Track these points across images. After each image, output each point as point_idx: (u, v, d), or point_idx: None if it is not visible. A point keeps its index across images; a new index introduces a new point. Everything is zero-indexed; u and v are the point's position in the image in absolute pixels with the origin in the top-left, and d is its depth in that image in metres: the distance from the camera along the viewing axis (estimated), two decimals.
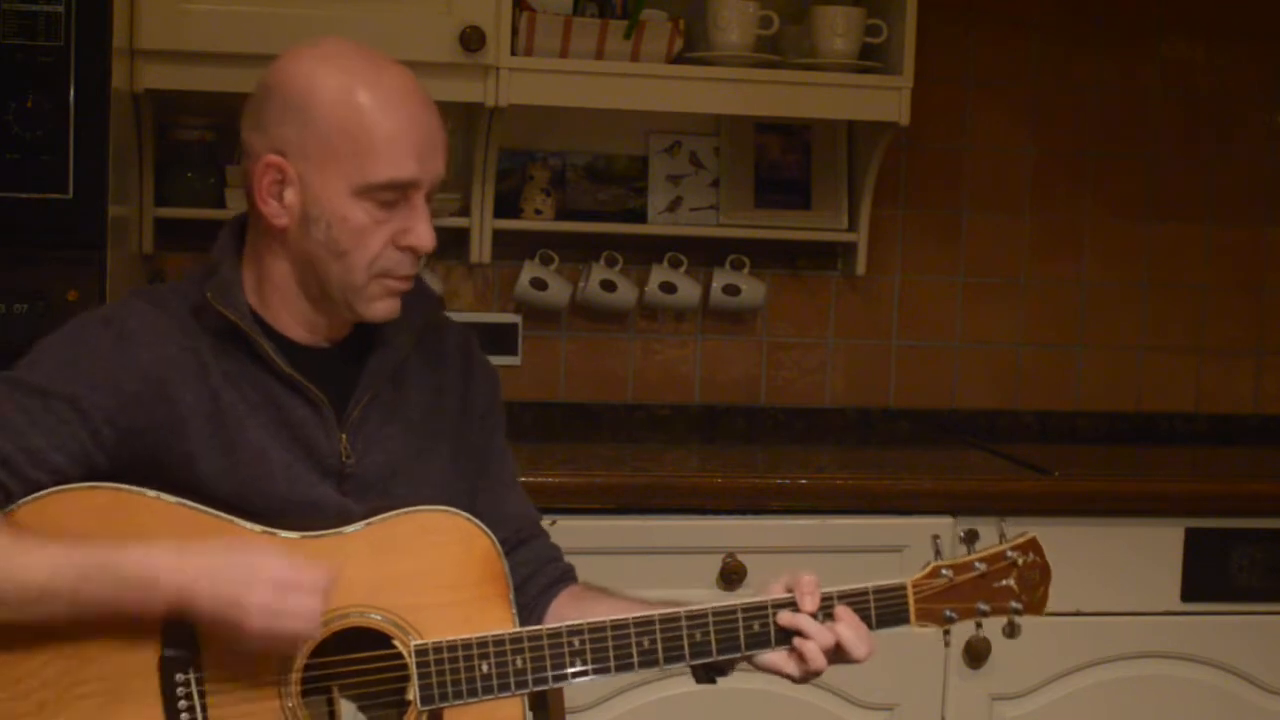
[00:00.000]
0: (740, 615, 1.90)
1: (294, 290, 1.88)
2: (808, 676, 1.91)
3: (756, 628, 1.90)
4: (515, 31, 3.03)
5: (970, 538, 1.98)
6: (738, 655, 1.90)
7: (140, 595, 1.71)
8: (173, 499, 1.79)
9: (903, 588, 1.94)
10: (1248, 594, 2.96)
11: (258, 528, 1.80)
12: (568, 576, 2.06)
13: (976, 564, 1.96)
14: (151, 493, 1.78)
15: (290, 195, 1.82)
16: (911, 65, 3.15)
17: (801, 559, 2.79)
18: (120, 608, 1.72)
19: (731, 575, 2.78)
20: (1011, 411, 3.57)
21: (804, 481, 2.86)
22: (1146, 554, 2.93)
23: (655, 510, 2.78)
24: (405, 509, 1.86)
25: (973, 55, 3.50)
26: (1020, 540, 1.99)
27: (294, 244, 1.85)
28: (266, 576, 1.71)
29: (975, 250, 3.55)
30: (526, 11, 3.05)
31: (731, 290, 3.37)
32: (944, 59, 3.44)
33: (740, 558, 2.79)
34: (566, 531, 2.75)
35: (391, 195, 1.81)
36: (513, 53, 3.02)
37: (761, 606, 1.90)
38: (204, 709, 1.76)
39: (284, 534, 1.81)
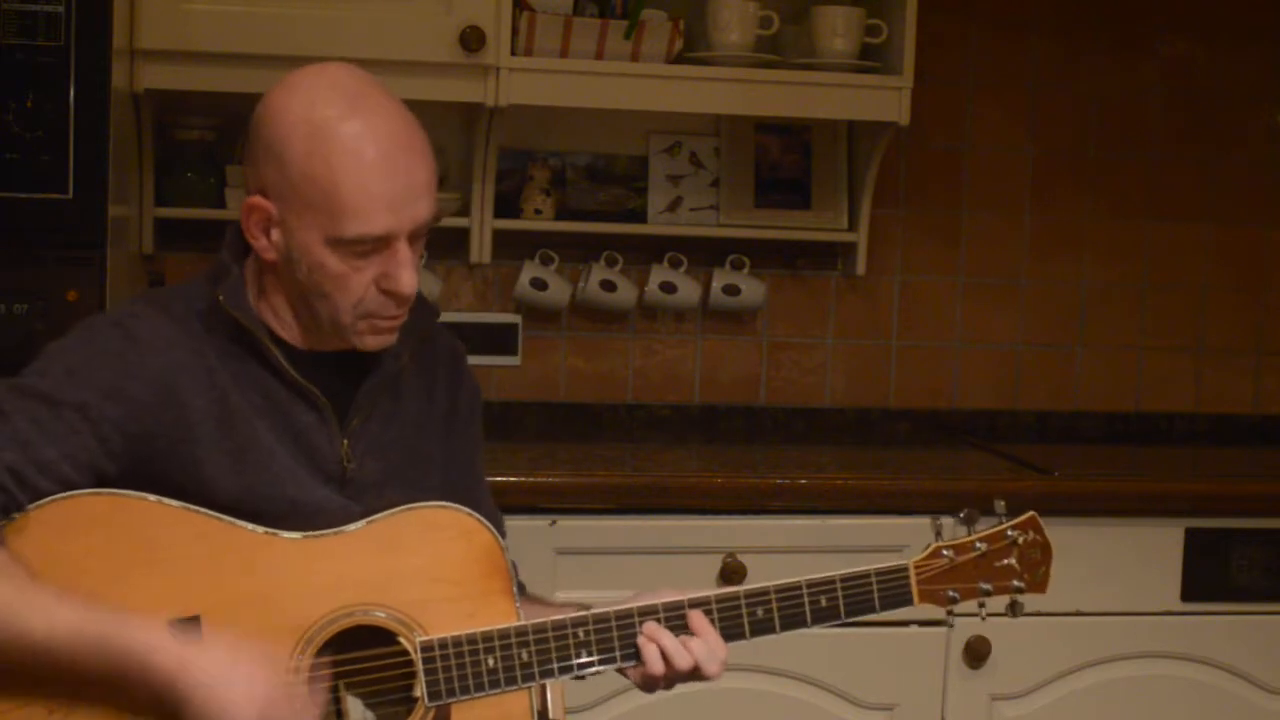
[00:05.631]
0: (743, 599, 1.92)
1: (290, 312, 1.89)
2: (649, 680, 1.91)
3: (759, 613, 1.93)
4: (515, 31, 3.03)
5: (970, 519, 2.00)
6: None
7: (131, 686, 1.69)
8: (175, 503, 1.78)
9: (904, 569, 1.97)
10: (1248, 594, 2.96)
11: (260, 529, 1.81)
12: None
13: (977, 544, 1.99)
14: (152, 497, 1.78)
15: (276, 235, 1.83)
16: (911, 65, 3.15)
17: (801, 559, 2.80)
18: (112, 687, 1.70)
19: (731, 575, 2.78)
20: (1011, 411, 3.57)
21: (804, 481, 2.86)
22: (1146, 554, 2.93)
23: (655, 510, 2.78)
24: (406, 505, 1.87)
25: (973, 55, 3.50)
26: (1020, 520, 2.02)
27: (284, 277, 1.86)
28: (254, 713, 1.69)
29: (975, 250, 3.55)
30: (526, 11, 3.05)
31: (731, 290, 3.37)
32: (944, 59, 3.44)
33: (740, 558, 2.79)
34: (566, 531, 2.76)
35: (366, 247, 1.80)
36: (513, 53, 3.02)
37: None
38: None
39: (286, 534, 1.82)
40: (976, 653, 2.85)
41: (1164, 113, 3.58)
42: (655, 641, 1.88)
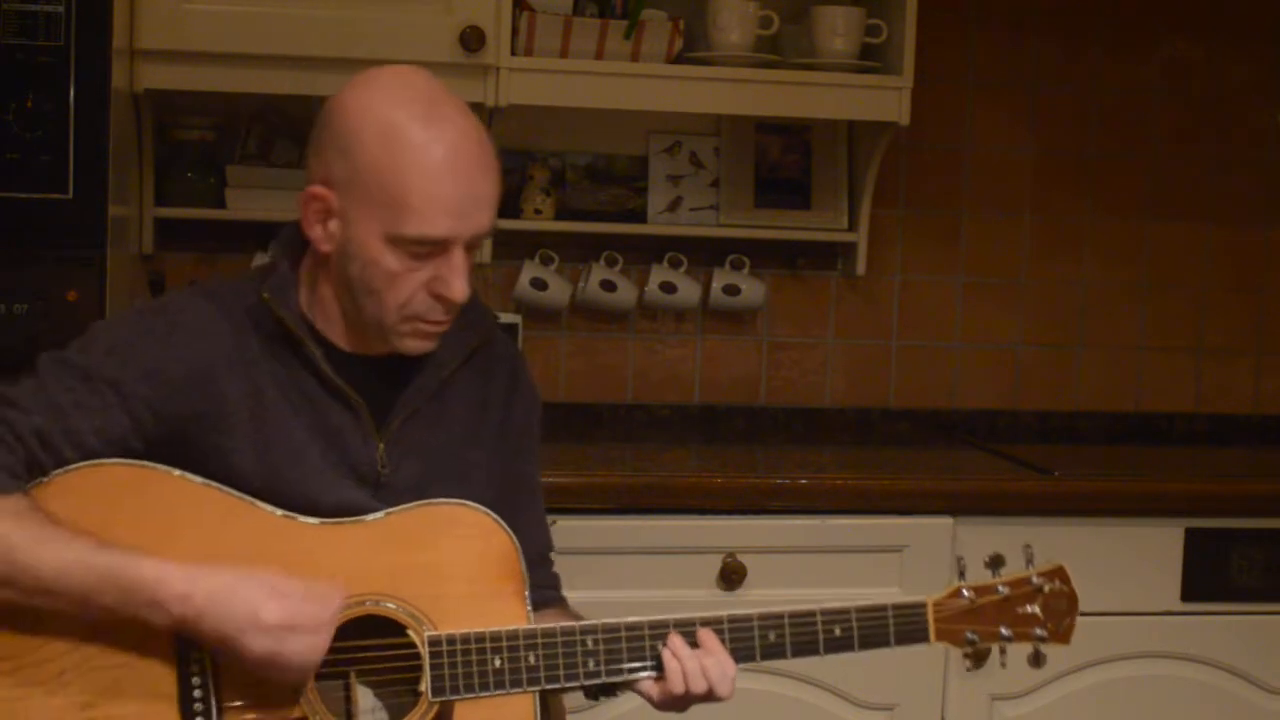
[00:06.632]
0: (756, 623, 1.92)
1: (338, 308, 1.90)
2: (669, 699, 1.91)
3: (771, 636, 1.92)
4: (515, 31, 3.03)
5: (995, 562, 1.96)
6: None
7: (146, 613, 1.73)
8: (198, 479, 1.82)
9: (922, 605, 1.95)
10: (1248, 594, 2.96)
11: (279, 512, 1.83)
12: (555, 603, 2.08)
13: (1000, 587, 1.95)
14: (177, 472, 1.81)
15: (334, 226, 1.84)
16: (911, 65, 3.14)
17: (801, 559, 2.81)
18: (127, 618, 1.74)
19: (731, 575, 2.78)
20: (1011, 411, 3.57)
21: (804, 481, 2.86)
22: (1146, 554, 2.93)
23: (655, 510, 2.78)
24: (427, 501, 1.88)
25: (973, 55, 3.50)
26: (1047, 567, 1.98)
27: (335, 271, 1.87)
28: (270, 621, 1.72)
29: (975, 250, 3.55)
30: (526, 11, 3.05)
31: (731, 290, 3.37)
32: (944, 59, 3.44)
33: (740, 558, 2.79)
34: (566, 531, 2.75)
35: (424, 248, 1.82)
36: (513, 53, 3.02)
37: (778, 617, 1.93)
38: (216, 688, 1.78)
39: (304, 519, 1.84)
40: (977, 653, 2.84)
41: (1164, 113, 3.59)
42: (678, 658, 1.88)
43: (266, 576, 1.75)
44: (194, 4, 2.87)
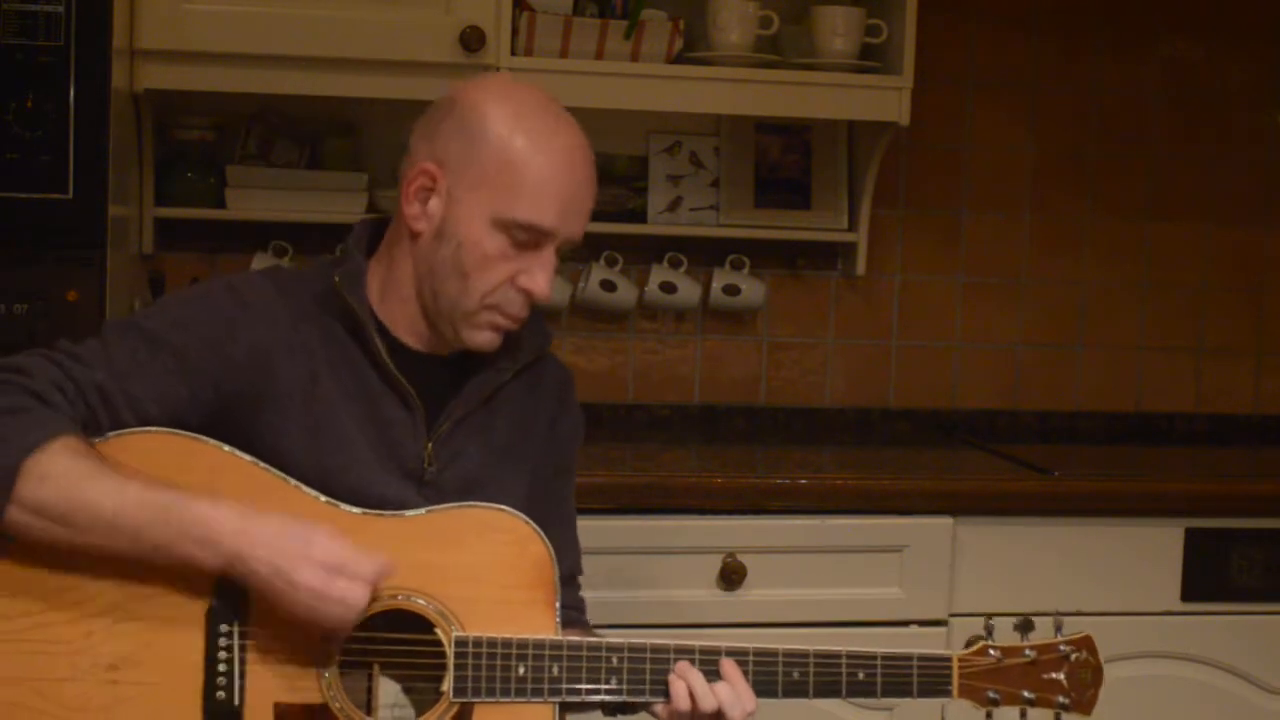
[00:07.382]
0: (781, 659, 1.93)
1: (411, 295, 1.93)
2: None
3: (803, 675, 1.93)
4: (515, 31, 3.03)
5: (1025, 626, 1.98)
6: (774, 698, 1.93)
7: (198, 549, 1.75)
8: (246, 457, 1.84)
9: (948, 660, 1.96)
10: (1248, 594, 2.96)
11: (322, 498, 1.85)
12: (578, 625, 2.09)
13: (1027, 650, 1.98)
14: (226, 447, 1.84)
15: (434, 204, 1.89)
16: (911, 65, 3.14)
17: (801, 559, 2.80)
18: (178, 555, 1.75)
19: (731, 575, 2.78)
20: (1011, 411, 3.57)
21: (804, 481, 2.86)
22: (1146, 554, 2.93)
23: (655, 510, 2.78)
24: (469, 503, 1.90)
25: (973, 55, 3.50)
26: (1075, 636, 2.00)
27: (423, 252, 1.91)
28: (320, 558, 1.75)
29: (975, 250, 3.55)
30: (526, 11, 3.05)
31: (731, 290, 3.37)
32: (944, 59, 3.44)
33: (740, 558, 2.79)
34: None
35: (525, 236, 1.87)
36: (513, 53, 3.02)
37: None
38: (241, 663, 1.80)
39: (345, 507, 1.86)
40: None
41: (1164, 113, 3.59)
42: (685, 680, 1.89)
43: (316, 524, 1.78)
44: (194, 4, 2.86)
